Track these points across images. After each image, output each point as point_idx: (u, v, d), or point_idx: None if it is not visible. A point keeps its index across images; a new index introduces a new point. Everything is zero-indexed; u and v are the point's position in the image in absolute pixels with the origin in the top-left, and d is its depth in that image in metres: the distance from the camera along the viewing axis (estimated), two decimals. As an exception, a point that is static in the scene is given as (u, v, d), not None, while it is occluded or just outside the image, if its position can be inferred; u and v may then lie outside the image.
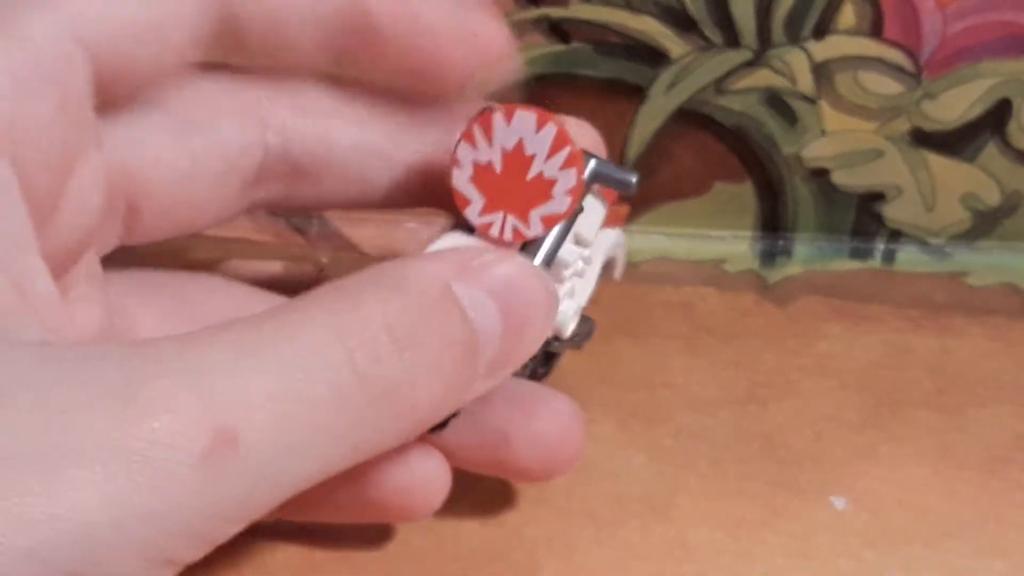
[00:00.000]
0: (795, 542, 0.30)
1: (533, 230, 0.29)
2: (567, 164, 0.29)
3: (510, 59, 0.31)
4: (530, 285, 0.28)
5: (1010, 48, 0.41)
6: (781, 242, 0.44)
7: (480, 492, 0.34)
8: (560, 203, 0.29)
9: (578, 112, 0.43)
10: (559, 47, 0.42)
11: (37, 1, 0.27)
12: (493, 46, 0.30)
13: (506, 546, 0.33)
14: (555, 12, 0.41)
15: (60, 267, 0.28)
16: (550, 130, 0.29)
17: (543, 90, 0.42)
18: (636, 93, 0.42)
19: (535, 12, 0.41)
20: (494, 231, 0.30)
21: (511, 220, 0.29)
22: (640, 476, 0.35)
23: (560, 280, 0.30)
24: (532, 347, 0.28)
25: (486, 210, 0.30)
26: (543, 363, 0.33)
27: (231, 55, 0.30)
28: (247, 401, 0.23)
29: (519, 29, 0.41)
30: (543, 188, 0.29)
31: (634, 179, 0.30)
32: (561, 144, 0.29)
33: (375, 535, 0.33)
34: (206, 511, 0.23)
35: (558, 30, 0.42)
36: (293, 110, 0.31)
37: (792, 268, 0.44)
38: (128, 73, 0.28)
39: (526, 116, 0.29)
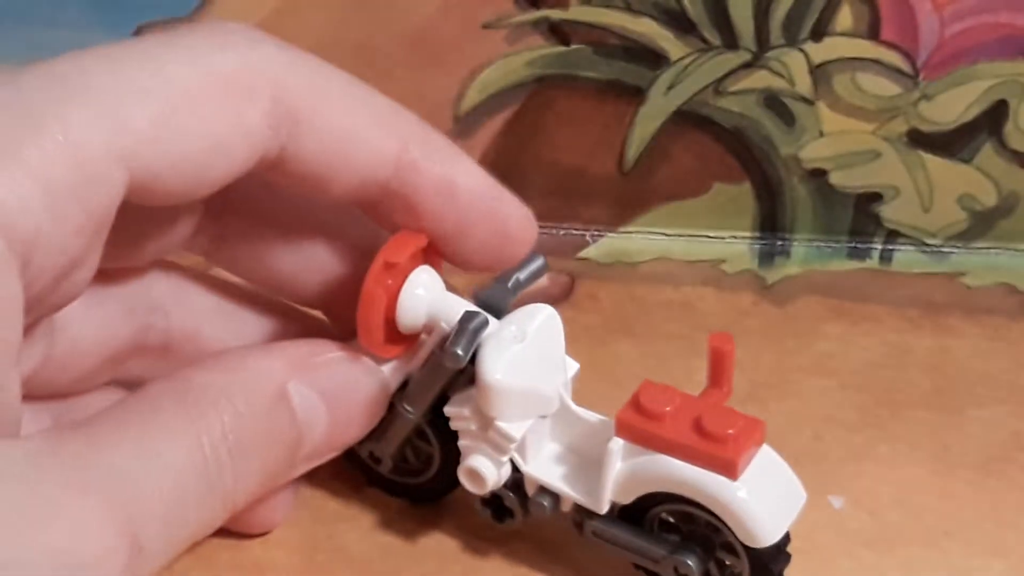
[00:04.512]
0: (794, 541, 0.31)
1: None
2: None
3: (531, 244, 0.31)
4: (360, 388, 0.31)
5: (1007, 50, 0.41)
6: (779, 242, 0.44)
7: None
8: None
9: (578, 113, 0.43)
10: (559, 48, 0.42)
11: (91, 98, 0.26)
12: (519, 233, 0.31)
13: (507, 546, 0.33)
14: (555, 14, 0.41)
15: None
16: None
17: (543, 91, 0.43)
18: (636, 94, 0.42)
19: (535, 14, 0.41)
20: None
21: None
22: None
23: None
24: (354, 439, 0.32)
25: None
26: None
27: (260, 179, 0.30)
28: (147, 509, 0.26)
29: (519, 31, 0.42)
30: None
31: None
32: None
33: (376, 536, 0.33)
34: None
35: (558, 32, 0.42)
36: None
37: (790, 268, 0.44)
38: (158, 198, 0.28)
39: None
